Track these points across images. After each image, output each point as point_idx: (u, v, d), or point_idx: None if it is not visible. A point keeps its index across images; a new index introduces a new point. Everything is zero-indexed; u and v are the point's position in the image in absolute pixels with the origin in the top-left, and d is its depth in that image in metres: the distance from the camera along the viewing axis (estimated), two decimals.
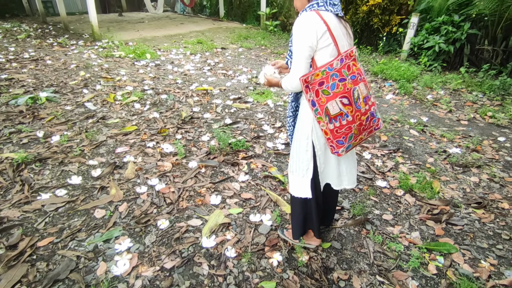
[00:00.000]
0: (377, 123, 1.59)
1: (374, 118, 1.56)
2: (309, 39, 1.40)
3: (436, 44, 6.25)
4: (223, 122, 3.78)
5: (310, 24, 1.39)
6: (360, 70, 1.49)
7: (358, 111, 1.47)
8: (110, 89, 4.61)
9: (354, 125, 1.48)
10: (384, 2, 6.98)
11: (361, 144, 1.66)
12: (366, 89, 1.50)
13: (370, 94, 1.54)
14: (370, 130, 1.58)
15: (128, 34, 8.78)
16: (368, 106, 1.51)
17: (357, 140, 1.55)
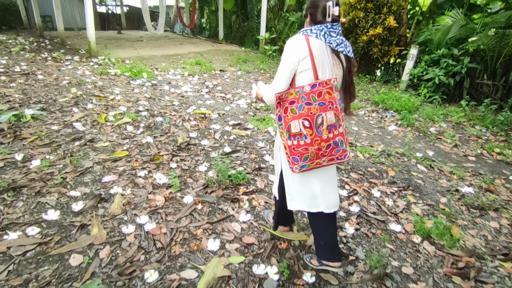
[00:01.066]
0: (341, 153, 1.61)
1: (338, 148, 1.58)
2: (292, 59, 1.51)
3: (436, 76, 6.18)
4: (222, 150, 3.48)
5: (295, 46, 1.51)
6: (335, 99, 1.53)
7: (319, 136, 1.53)
8: (102, 108, 4.29)
9: (311, 148, 1.54)
10: (384, 33, 6.96)
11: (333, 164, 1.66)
12: (335, 118, 1.54)
13: (339, 124, 1.56)
14: (332, 159, 1.61)
15: (125, 52, 8.58)
16: (332, 135, 1.55)
17: (314, 163, 1.59)
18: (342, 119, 1.57)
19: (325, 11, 1.52)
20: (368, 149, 4.02)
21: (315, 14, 1.56)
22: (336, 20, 1.55)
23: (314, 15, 1.56)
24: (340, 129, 1.57)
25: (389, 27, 6.97)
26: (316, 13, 1.55)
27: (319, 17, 1.55)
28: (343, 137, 1.58)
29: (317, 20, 1.56)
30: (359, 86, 7.07)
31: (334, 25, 1.54)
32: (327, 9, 1.51)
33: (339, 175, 3.33)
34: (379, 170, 3.53)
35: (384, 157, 3.89)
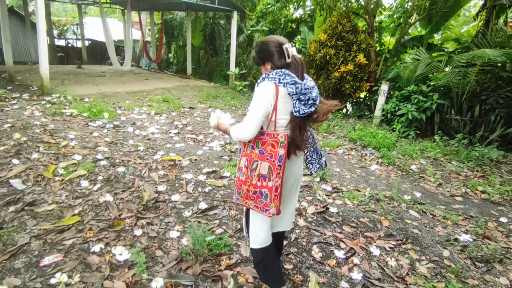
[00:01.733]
0: (264, 206, 1.62)
1: (262, 199, 1.61)
2: (266, 103, 1.55)
3: (408, 112, 6.25)
4: (196, 207, 2.98)
5: (269, 92, 1.55)
6: (276, 154, 1.57)
7: (250, 180, 1.63)
8: (51, 158, 3.65)
9: (244, 186, 1.67)
10: (355, 70, 7.06)
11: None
12: (268, 171, 1.58)
13: (269, 178, 1.58)
14: (256, 206, 1.65)
15: (85, 89, 7.93)
16: (260, 184, 1.60)
17: (244, 201, 1.71)
18: (277, 176, 1.57)
19: (284, 53, 1.58)
20: (356, 195, 3.72)
21: (275, 62, 1.61)
22: (294, 63, 1.60)
23: (274, 61, 1.61)
24: (270, 183, 1.58)
25: (359, 64, 7.09)
26: (274, 60, 1.61)
27: (278, 63, 1.60)
28: (271, 192, 1.58)
29: (278, 65, 1.60)
30: (334, 122, 6.98)
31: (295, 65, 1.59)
32: (285, 52, 1.57)
33: (331, 230, 2.95)
34: (372, 220, 3.21)
35: (374, 203, 3.61)
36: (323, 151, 5.38)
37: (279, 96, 1.55)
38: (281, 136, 1.57)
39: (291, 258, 2.47)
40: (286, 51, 1.57)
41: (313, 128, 1.94)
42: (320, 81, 7.63)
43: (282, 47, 1.58)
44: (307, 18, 10.75)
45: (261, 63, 1.69)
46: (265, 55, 1.65)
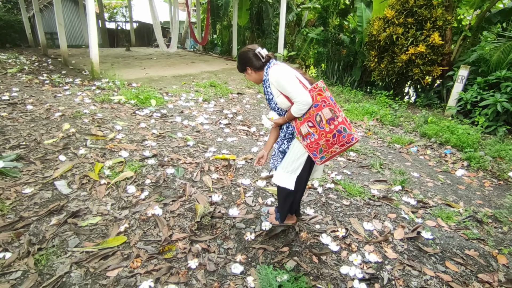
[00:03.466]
0: (348, 138, 1.75)
1: (343, 134, 1.74)
2: (292, 73, 1.80)
3: (497, 103, 5.06)
4: (259, 227, 2.40)
5: (285, 67, 1.83)
6: (326, 98, 1.75)
7: (323, 131, 1.77)
8: (97, 154, 3.26)
9: (321, 141, 1.80)
10: (427, 51, 5.89)
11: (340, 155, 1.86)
12: (331, 112, 1.73)
13: (336, 116, 1.73)
14: (342, 144, 1.78)
15: (133, 72, 7.63)
16: (333, 126, 1.74)
17: (329, 152, 1.83)
18: (339, 110, 1.74)
19: (257, 56, 1.85)
20: (448, 213, 2.90)
21: (252, 63, 1.87)
22: (270, 58, 1.88)
23: (252, 64, 1.87)
24: (339, 119, 1.74)
25: (432, 45, 5.90)
26: (252, 62, 1.86)
27: (256, 63, 1.86)
28: (345, 124, 1.74)
29: (257, 66, 1.87)
30: (399, 112, 5.98)
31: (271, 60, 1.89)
32: (258, 54, 1.84)
33: (431, 267, 2.21)
34: (482, 254, 2.41)
35: (475, 226, 2.77)
36: (391, 148, 4.52)
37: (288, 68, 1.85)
38: (319, 83, 1.77)
39: None
40: (259, 54, 1.84)
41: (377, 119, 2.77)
42: (383, 64, 6.56)
43: (255, 52, 1.84)
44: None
45: (244, 70, 1.94)
46: (245, 63, 1.89)
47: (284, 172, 2.00)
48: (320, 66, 9.75)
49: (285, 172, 1.99)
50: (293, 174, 1.98)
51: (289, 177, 1.99)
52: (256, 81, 1.96)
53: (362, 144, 4.51)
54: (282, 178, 2.01)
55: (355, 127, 5.27)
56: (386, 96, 6.66)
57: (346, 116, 1.63)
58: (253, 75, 1.92)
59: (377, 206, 2.93)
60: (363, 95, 7.33)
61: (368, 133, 4.99)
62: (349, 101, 6.76)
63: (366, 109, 5.88)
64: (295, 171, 1.98)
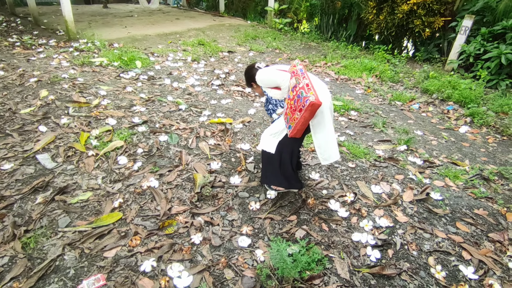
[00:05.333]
0: (303, 101, 1.69)
1: (300, 99, 1.71)
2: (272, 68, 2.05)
3: (502, 55, 4.82)
4: (263, 195, 2.25)
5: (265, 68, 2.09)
6: (296, 70, 1.84)
7: (288, 99, 1.85)
8: (82, 123, 2.97)
9: (287, 110, 1.86)
10: (430, 0, 5.47)
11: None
12: (295, 80, 1.79)
13: (299, 82, 1.76)
14: (300, 109, 1.72)
15: (113, 32, 6.98)
16: (295, 92, 1.77)
17: (292, 120, 1.81)
18: (303, 78, 1.76)
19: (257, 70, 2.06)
20: (455, 172, 2.81)
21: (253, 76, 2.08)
22: None
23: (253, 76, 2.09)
24: (300, 85, 1.74)
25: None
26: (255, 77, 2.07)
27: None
28: (304, 89, 1.70)
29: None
30: (398, 68, 5.70)
31: None
32: (258, 69, 2.06)
33: (442, 229, 2.14)
34: (492, 213, 2.35)
35: (483, 184, 2.70)
36: (393, 106, 4.33)
37: None
38: (296, 61, 1.91)
39: (406, 280, 1.73)
40: (258, 68, 2.07)
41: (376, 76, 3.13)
42: (382, 16, 6.11)
43: (255, 67, 2.08)
44: None
45: (250, 86, 2.21)
46: (249, 79, 2.16)
47: (267, 135, 2.06)
48: (313, 20, 9.15)
49: (269, 135, 2.05)
50: (275, 138, 2.03)
51: (271, 140, 2.04)
52: (261, 93, 2.20)
53: (362, 102, 4.29)
54: (265, 140, 2.07)
55: (354, 84, 5.01)
56: (384, 50, 6.31)
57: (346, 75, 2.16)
58: (258, 89, 2.15)
59: (384, 167, 2.80)
60: (360, 50, 6.94)
61: (368, 91, 4.75)
62: (346, 57, 6.40)
63: (365, 65, 5.57)
64: (277, 136, 2.02)
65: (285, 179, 2.14)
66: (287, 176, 2.13)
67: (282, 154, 2.05)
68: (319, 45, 7.41)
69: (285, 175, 2.12)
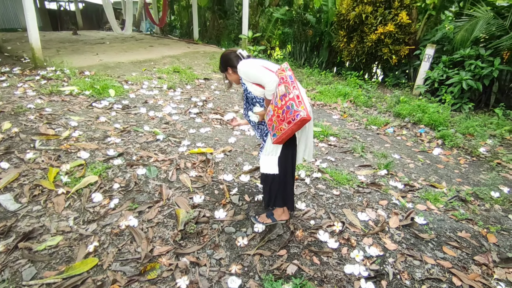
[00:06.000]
0: (293, 115, 1.72)
1: (290, 111, 1.73)
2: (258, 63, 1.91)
3: (462, 81, 5.23)
4: (250, 229, 2.17)
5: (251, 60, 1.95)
6: (285, 76, 1.79)
7: (276, 106, 1.82)
8: (50, 157, 2.78)
9: (273, 117, 1.84)
10: (395, 31, 5.90)
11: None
12: (285, 89, 1.76)
13: (289, 92, 1.74)
14: (289, 121, 1.75)
15: (84, 59, 6.82)
16: (284, 102, 1.76)
17: (279, 130, 1.82)
18: (293, 88, 1.75)
19: (238, 56, 1.96)
20: (435, 194, 2.90)
21: (233, 63, 1.96)
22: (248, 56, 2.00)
23: (232, 64, 1.96)
24: (291, 95, 1.74)
25: (400, 24, 5.92)
26: (233, 62, 1.96)
27: (236, 63, 1.93)
28: (294, 101, 1.72)
29: (237, 62, 1.95)
30: (370, 93, 5.99)
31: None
32: (239, 55, 1.96)
33: (431, 255, 2.16)
34: (474, 235, 2.42)
35: (461, 206, 2.80)
36: (369, 130, 4.49)
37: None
38: (284, 64, 1.84)
39: None
40: (240, 55, 1.97)
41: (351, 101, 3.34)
42: (352, 45, 6.49)
43: (236, 53, 1.97)
44: None
45: (225, 70, 2.04)
46: (226, 63, 2.01)
47: (265, 155, 2.01)
48: (286, 47, 9.53)
49: (266, 155, 2.00)
50: (274, 156, 1.98)
51: (271, 159, 1.99)
52: (236, 81, 2.05)
53: (340, 127, 4.41)
54: (265, 163, 2.01)
55: (330, 109, 5.17)
56: (356, 77, 6.65)
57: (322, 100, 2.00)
58: (233, 75, 2.01)
59: (367, 193, 2.84)
60: (332, 76, 7.26)
61: (344, 116, 4.92)
62: (320, 82, 6.65)
63: (339, 91, 5.80)
64: (275, 152, 1.98)
65: (289, 197, 2.11)
66: (290, 194, 2.11)
67: (285, 170, 2.00)
68: (293, 71, 7.67)
69: (288, 192, 2.09)
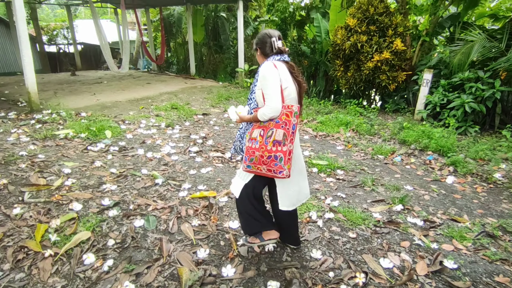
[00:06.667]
0: (278, 168, 1.74)
1: (276, 162, 1.74)
2: (276, 76, 1.77)
3: (465, 104, 5.14)
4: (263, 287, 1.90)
5: (273, 68, 1.78)
6: (290, 122, 1.77)
7: (265, 146, 1.76)
8: (39, 212, 2.55)
9: (257, 152, 1.78)
10: (392, 58, 5.92)
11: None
12: (283, 138, 1.74)
13: (284, 143, 1.74)
14: (269, 169, 1.77)
15: (81, 100, 6.76)
16: (275, 149, 1.74)
17: (256, 167, 1.80)
18: (290, 141, 1.76)
19: (271, 45, 1.86)
20: (459, 230, 2.66)
21: (264, 48, 1.88)
22: (281, 52, 1.88)
23: (263, 49, 1.88)
24: (284, 148, 1.74)
25: (396, 51, 5.95)
26: (264, 47, 1.88)
27: (267, 50, 1.87)
28: (285, 156, 1.73)
29: (266, 53, 1.88)
30: (372, 121, 5.88)
31: (281, 55, 1.88)
32: (273, 44, 1.85)
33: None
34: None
35: (491, 243, 2.54)
36: (376, 160, 4.30)
37: (279, 70, 1.79)
38: (295, 107, 1.79)
39: None
40: (273, 43, 1.86)
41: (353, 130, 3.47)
42: (350, 73, 6.49)
43: (271, 40, 1.86)
44: (318, 3, 9.51)
45: (256, 49, 1.94)
46: (259, 43, 1.91)
47: (237, 177, 2.02)
48: None
49: (238, 177, 2.01)
50: (242, 181, 1.96)
51: (238, 182, 1.98)
52: (261, 62, 1.96)
53: (346, 159, 4.23)
54: (233, 183, 2.04)
55: (333, 140, 5.02)
56: (355, 104, 6.58)
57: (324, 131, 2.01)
58: (259, 57, 1.96)
59: (386, 233, 2.59)
60: (331, 104, 7.21)
61: (349, 146, 4.75)
62: (320, 112, 6.57)
63: (340, 120, 5.69)
64: (244, 178, 1.96)
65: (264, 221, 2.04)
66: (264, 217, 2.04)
67: (251, 195, 1.96)
68: None
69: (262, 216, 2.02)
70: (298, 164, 1.99)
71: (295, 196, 2.02)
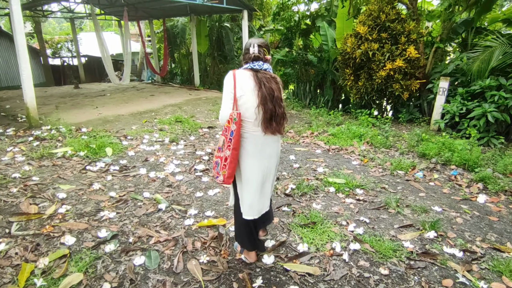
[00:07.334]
0: (216, 173, 1.84)
1: (216, 167, 1.83)
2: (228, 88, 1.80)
3: (488, 113, 4.79)
4: None
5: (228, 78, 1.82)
6: (228, 128, 1.75)
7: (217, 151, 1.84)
8: (26, 247, 2.23)
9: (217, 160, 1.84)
10: (405, 66, 5.61)
11: None
12: (222, 144, 1.78)
13: (222, 150, 1.77)
14: (214, 175, 1.99)
15: (82, 114, 6.52)
16: (217, 154, 1.82)
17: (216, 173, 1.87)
18: (228, 148, 1.74)
19: (248, 53, 1.84)
20: (506, 262, 2.30)
21: (244, 56, 1.89)
22: (257, 58, 1.83)
23: (244, 56, 1.90)
24: (221, 154, 1.78)
25: (409, 59, 5.64)
26: (245, 55, 1.89)
27: (246, 58, 1.87)
28: (221, 162, 1.77)
29: (245, 60, 1.88)
30: (387, 133, 5.54)
31: (255, 62, 1.83)
32: (249, 51, 1.84)
33: None
34: None
35: None
36: (396, 176, 3.95)
37: (237, 78, 1.78)
38: (234, 113, 1.74)
39: None
40: (248, 50, 1.85)
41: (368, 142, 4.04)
42: (361, 82, 6.18)
43: (248, 47, 1.85)
44: (324, 12, 9.29)
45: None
46: (243, 51, 1.96)
47: None
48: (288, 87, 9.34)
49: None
50: (232, 190, 2.02)
51: (231, 191, 2.04)
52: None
53: (363, 176, 3.89)
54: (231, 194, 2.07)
55: (347, 153, 4.68)
56: (367, 115, 6.26)
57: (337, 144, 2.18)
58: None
59: (422, 268, 2.23)
60: (341, 115, 6.89)
61: (365, 161, 4.41)
62: (330, 123, 6.25)
63: (353, 132, 5.36)
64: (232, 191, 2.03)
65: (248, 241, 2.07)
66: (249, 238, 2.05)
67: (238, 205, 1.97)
68: (299, 112, 7.33)
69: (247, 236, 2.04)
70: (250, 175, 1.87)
71: (248, 206, 1.93)
